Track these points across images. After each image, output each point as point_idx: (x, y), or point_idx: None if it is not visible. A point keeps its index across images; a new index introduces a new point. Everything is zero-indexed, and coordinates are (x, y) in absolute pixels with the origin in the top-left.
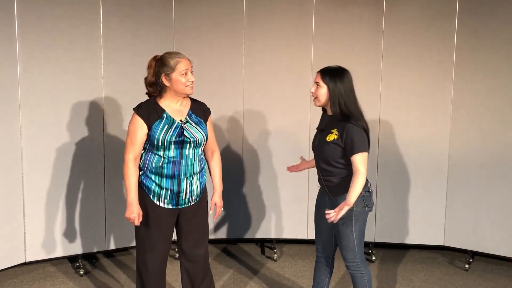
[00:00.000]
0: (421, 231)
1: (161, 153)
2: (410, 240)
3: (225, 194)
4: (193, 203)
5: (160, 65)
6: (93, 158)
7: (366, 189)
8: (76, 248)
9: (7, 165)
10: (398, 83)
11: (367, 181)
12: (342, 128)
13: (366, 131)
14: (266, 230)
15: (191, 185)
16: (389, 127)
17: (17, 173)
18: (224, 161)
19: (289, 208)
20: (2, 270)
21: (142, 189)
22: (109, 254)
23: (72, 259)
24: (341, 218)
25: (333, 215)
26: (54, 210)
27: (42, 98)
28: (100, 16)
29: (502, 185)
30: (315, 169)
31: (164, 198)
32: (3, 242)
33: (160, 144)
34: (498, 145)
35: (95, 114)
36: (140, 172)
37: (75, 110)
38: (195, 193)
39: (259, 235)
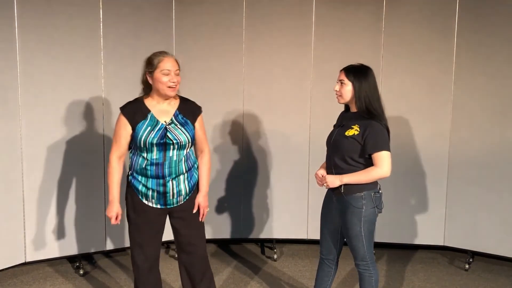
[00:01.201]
0: (421, 231)
1: (144, 154)
2: (410, 240)
3: (225, 194)
4: (182, 202)
5: (146, 64)
6: (93, 158)
7: (376, 190)
8: (76, 249)
9: (7, 165)
10: (398, 83)
11: (377, 182)
12: (365, 125)
13: (388, 130)
14: (266, 230)
15: (178, 185)
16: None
17: (17, 173)
18: (224, 161)
19: (289, 208)
20: (2, 270)
21: (131, 188)
22: (108, 254)
23: (71, 259)
24: (350, 219)
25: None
26: (54, 210)
27: (42, 98)
28: (100, 16)
29: (502, 185)
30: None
31: (152, 198)
32: (3, 242)
33: (142, 145)
34: (498, 145)
35: (95, 114)
36: (129, 172)
37: (75, 110)
38: (183, 192)
39: (259, 235)
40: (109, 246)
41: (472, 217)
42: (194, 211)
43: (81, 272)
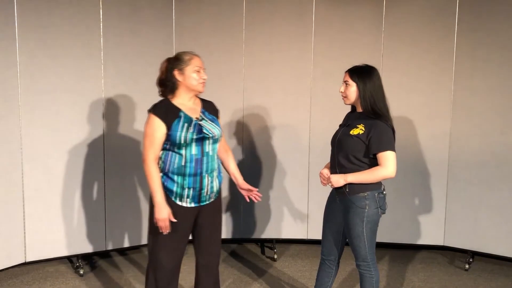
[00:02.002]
0: (421, 231)
1: (183, 151)
2: (410, 240)
3: (225, 194)
4: (213, 199)
5: (173, 62)
6: (93, 158)
7: (380, 190)
8: (76, 248)
9: (7, 165)
10: (398, 83)
11: (381, 183)
12: (370, 125)
13: (393, 130)
14: (266, 230)
15: (211, 182)
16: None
17: (17, 173)
18: None
19: (289, 208)
20: (2, 270)
21: (163, 190)
22: (109, 254)
23: (72, 259)
24: (353, 219)
25: (331, 180)
26: (54, 210)
27: (42, 98)
28: (100, 16)
29: (502, 185)
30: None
31: (187, 198)
32: (3, 242)
33: (182, 142)
34: (498, 145)
35: (95, 114)
36: (160, 174)
37: (75, 110)
38: (215, 189)
39: (259, 235)
40: (109, 246)
41: (472, 217)
42: (248, 194)
43: (81, 272)
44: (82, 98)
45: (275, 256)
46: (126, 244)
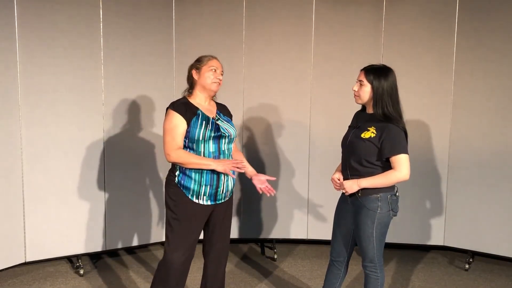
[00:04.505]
0: (421, 231)
1: (201, 149)
2: (410, 240)
3: None
4: (228, 198)
5: (194, 62)
6: (93, 158)
7: (393, 192)
8: (76, 248)
9: (7, 165)
10: (398, 83)
11: (394, 185)
12: (382, 128)
13: (406, 133)
14: (266, 230)
15: (227, 180)
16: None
17: (17, 173)
18: None
19: (289, 208)
20: (2, 270)
21: (180, 189)
22: (109, 254)
23: (72, 259)
24: (364, 220)
25: (345, 185)
26: (54, 210)
27: (42, 98)
28: (100, 16)
29: (502, 185)
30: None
31: (204, 195)
32: (3, 242)
33: (200, 139)
34: (498, 145)
35: (95, 114)
36: (177, 173)
37: (75, 110)
38: (230, 187)
39: (259, 235)
40: (109, 246)
41: (472, 217)
42: (262, 185)
43: (81, 272)
44: (82, 98)
45: (275, 256)
46: (127, 244)
